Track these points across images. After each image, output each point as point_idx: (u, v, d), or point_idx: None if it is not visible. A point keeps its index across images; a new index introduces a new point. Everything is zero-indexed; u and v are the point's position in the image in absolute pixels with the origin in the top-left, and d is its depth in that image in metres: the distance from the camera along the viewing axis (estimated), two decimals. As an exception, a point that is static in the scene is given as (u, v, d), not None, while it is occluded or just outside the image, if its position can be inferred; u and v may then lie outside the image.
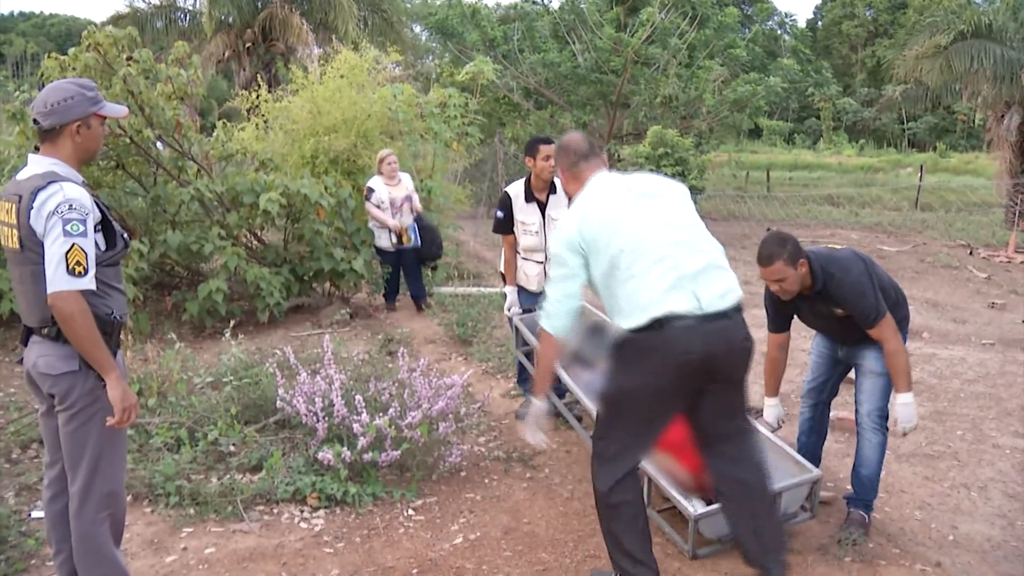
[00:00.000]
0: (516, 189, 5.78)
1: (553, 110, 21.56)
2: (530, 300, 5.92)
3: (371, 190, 8.91)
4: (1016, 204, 18.26)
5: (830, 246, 4.41)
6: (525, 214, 5.75)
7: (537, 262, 5.85)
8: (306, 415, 4.84)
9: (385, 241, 9.00)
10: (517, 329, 5.95)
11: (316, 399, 4.91)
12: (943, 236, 17.61)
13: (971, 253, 15.09)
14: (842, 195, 24.99)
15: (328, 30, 23.12)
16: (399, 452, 4.64)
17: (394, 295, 9.49)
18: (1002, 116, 19.41)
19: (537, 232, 5.75)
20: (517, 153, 18.47)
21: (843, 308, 4.11)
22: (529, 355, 5.88)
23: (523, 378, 6.27)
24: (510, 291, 5.94)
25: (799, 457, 4.40)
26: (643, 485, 3.95)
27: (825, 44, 59.24)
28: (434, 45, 28.42)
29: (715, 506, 3.80)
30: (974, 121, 40.95)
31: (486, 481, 5.00)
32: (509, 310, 5.97)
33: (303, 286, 9.09)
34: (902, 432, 4.06)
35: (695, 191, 16.47)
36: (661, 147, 15.88)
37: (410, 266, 9.25)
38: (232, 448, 5.04)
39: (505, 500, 4.74)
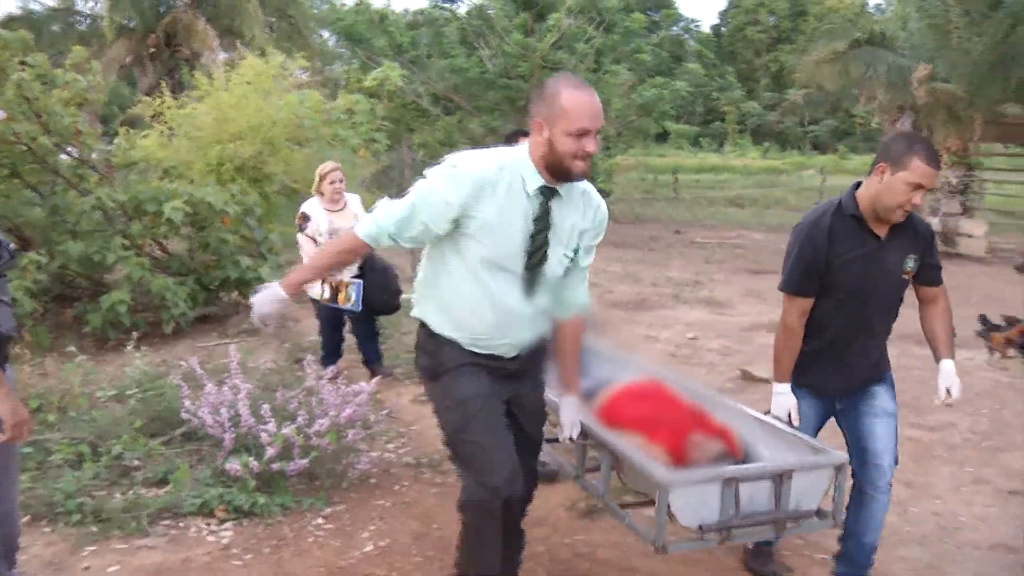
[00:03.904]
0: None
1: (461, 116, 21.60)
2: None
3: (306, 218, 6.61)
4: (912, 204, 18.82)
5: None
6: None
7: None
8: (212, 426, 4.78)
9: (318, 289, 6.57)
10: None
11: (222, 410, 4.85)
12: (844, 236, 18.04)
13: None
14: (747, 197, 25.56)
15: (234, 36, 22.77)
16: (307, 461, 4.62)
17: (334, 358, 6.89)
18: (896, 120, 20.04)
19: None
20: (425, 159, 18.44)
21: (922, 252, 3.56)
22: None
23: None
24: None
25: (814, 441, 3.46)
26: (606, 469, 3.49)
27: (730, 49, 60.34)
28: (342, 51, 28.19)
29: (697, 472, 3.14)
30: (871, 125, 42.18)
31: (396, 488, 5.00)
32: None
33: (209, 296, 8.95)
34: (950, 403, 3.69)
35: (603, 194, 16.56)
36: (569, 152, 16.02)
37: (358, 322, 7.05)
38: (137, 462, 4.94)
39: (415, 506, 4.75)
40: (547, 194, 2.98)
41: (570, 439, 3.46)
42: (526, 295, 3.05)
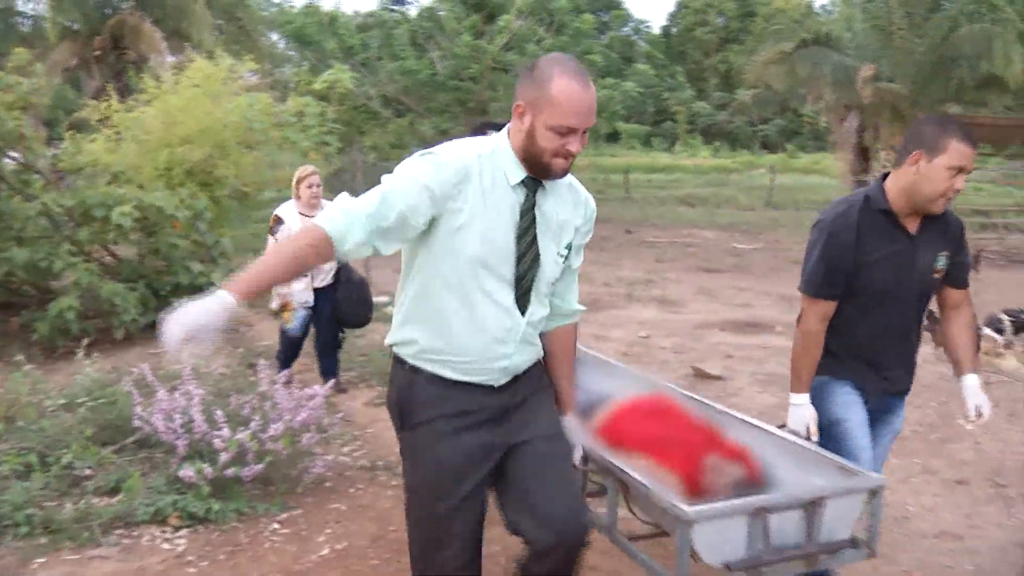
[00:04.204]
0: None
1: (412, 118, 21.60)
2: None
3: (279, 221, 6.38)
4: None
5: None
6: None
7: None
8: (165, 433, 4.74)
9: (302, 292, 6.43)
10: None
11: (175, 416, 4.80)
12: (794, 233, 18.36)
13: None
14: (698, 196, 25.79)
15: (181, 38, 22.52)
16: (262, 466, 4.59)
17: (289, 363, 6.69)
18: (843, 119, 20.36)
19: None
20: (376, 162, 18.40)
21: (953, 250, 3.34)
22: None
23: None
24: None
25: (844, 461, 3.03)
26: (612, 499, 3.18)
27: (679, 50, 60.80)
28: (292, 53, 28.06)
29: (722, 504, 2.73)
30: (819, 124, 42.78)
31: (351, 490, 4.98)
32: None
33: (161, 301, 8.83)
34: (980, 423, 3.42)
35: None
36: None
37: (323, 330, 6.77)
38: (88, 471, 4.87)
39: (371, 508, 4.74)
40: (530, 185, 2.59)
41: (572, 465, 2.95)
42: (520, 305, 2.63)
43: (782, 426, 3.37)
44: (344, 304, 6.55)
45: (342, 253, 2.49)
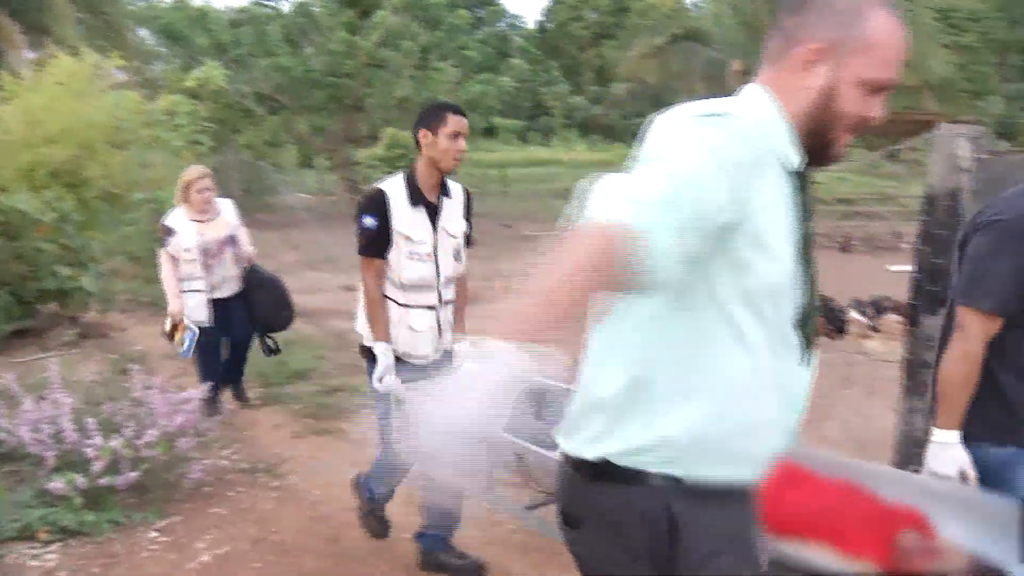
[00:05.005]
0: (394, 187, 3.69)
1: (287, 115, 21.30)
2: (417, 374, 3.64)
3: (169, 231, 5.89)
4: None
5: None
6: (411, 226, 3.69)
7: (427, 307, 3.79)
8: (32, 444, 4.60)
9: (196, 310, 5.94)
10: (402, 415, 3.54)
11: (43, 426, 4.67)
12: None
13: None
14: (576, 189, 26.18)
15: (42, 33, 21.72)
16: (138, 473, 4.50)
17: (214, 379, 6.06)
18: (714, 112, 20.96)
19: (429, 255, 3.74)
20: (251, 160, 18.11)
21: None
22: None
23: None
24: (382, 350, 3.67)
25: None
26: None
27: (554, 45, 61.36)
28: (162, 50, 27.35)
29: None
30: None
31: (231, 494, 4.92)
32: (381, 380, 3.64)
33: (26, 308, 8.54)
34: None
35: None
36: (397, 148, 16.09)
37: (237, 343, 6.30)
38: (-51, 489, 4.71)
39: (252, 511, 4.70)
40: (798, 177, 1.72)
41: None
42: (805, 347, 1.79)
43: (915, 470, 2.77)
44: (262, 308, 6.12)
45: (651, 266, 1.42)
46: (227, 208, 6.20)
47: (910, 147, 14.60)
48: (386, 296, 3.73)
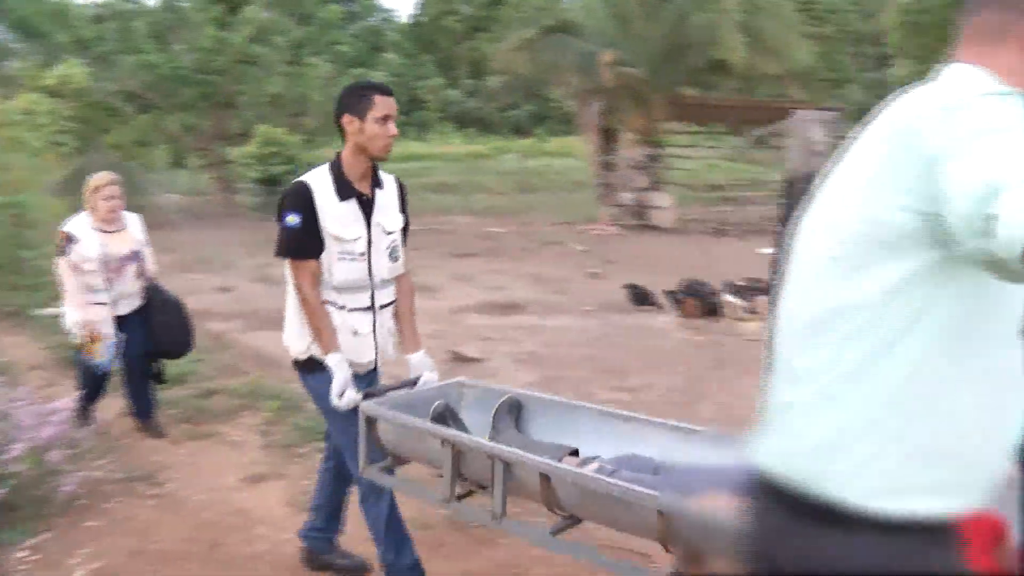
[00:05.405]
0: (319, 180, 3.37)
1: (157, 114, 20.72)
2: (363, 384, 3.43)
3: (70, 239, 5.39)
4: (605, 181, 20.13)
5: None
6: (341, 222, 3.37)
7: (363, 309, 3.49)
8: None
9: (102, 325, 5.47)
10: (370, 430, 3.22)
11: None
12: (546, 216, 19.03)
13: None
14: (451, 183, 26.23)
15: None
16: (5, 490, 4.34)
17: (93, 399, 5.78)
18: (587, 104, 21.17)
19: (362, 255, 3.43)
20: (120, 161, 17.57)
21: None
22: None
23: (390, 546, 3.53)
24: (337, 362, 3.32)
25: None
26: None
27: (428, 39, 61.21)
28: (18, 46, 26.26)
29: None
30: (567, 108, 44.28)
31: (107, 506, 4.78)
32: (341, 396, 3.29)
33: None
34: None
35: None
36: (270, 146, 15.87)
37: (132, 363, 5.75)
38: None
39: (130, 522, 4.58)
40: None
41: None
42: None
43: None
44: (162, 330, 5.64)
45: None
46: (134, 222, 5.74)
47: (774, 132, 15.08)
48: (325, 301, 3.39)
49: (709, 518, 1.89)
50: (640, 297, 9.92)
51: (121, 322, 5.55)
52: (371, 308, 3.49)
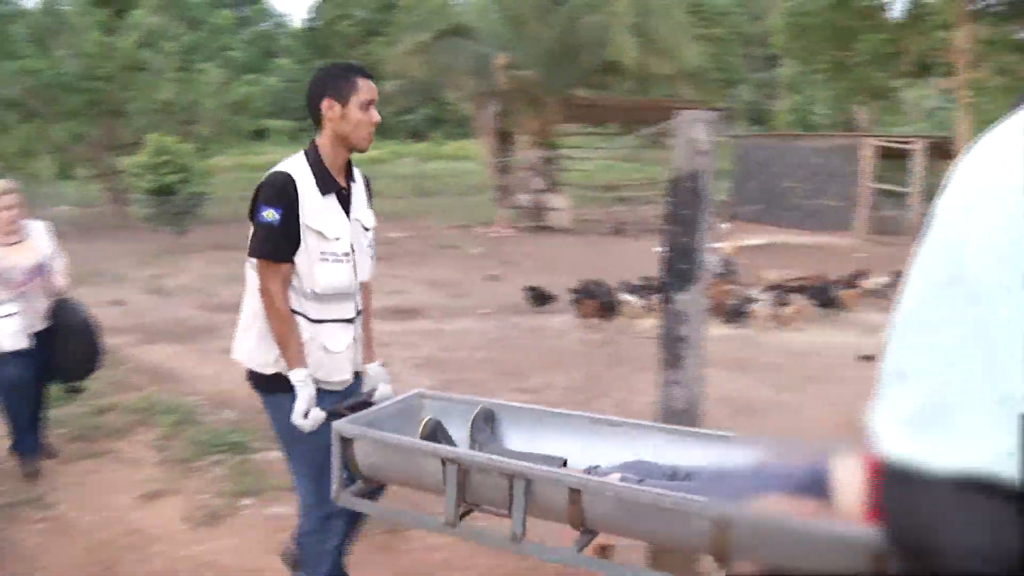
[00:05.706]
0: (299, 168, 3.02)
1: (41, 123, 20.08)
2: (333, 400, 3.05)
3: None
4: (502, 184, 20.27)
5: None
6: (324, 219, 2.99)
7: (345, 321, 3.10)
8: None
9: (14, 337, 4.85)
10: (345, 455, 2.87)
11: None
12: (444, 219, 19.08)
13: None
14: (349, 188, 26.27)
15: None
16: None
17: (31, 439, 5.25)
18: (482, 106, 21.26)
19: (346, 255, 3.05)
20: (3, 173, 16.98)
21: None
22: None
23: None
24: (301, 379, 2.91)
25: None
26: None
27: (323, 43, 60.58)
28: None
29: None
30: (462, 112, 44.37)
31: (-9, 533, 4.62)
32: (306, 416, 2.90)
33: None
34: None
35: (200, 196, 16.39)
36: (161, 155, 15.54)
37: (21, 395, 5.08)
38: None
39: (15, 549, 4.39)
40: None
41: None
42: None
43: None
44: (66, 357, 5.07)
45: None
46: (39, 232, 5.12)
47: (664, 132, 15.36)
48: (292, 311, 2.96)
49: (778, 522, 1.88)
50: (540, 298, 10.00)
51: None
52: (352, 320, 3.11)
